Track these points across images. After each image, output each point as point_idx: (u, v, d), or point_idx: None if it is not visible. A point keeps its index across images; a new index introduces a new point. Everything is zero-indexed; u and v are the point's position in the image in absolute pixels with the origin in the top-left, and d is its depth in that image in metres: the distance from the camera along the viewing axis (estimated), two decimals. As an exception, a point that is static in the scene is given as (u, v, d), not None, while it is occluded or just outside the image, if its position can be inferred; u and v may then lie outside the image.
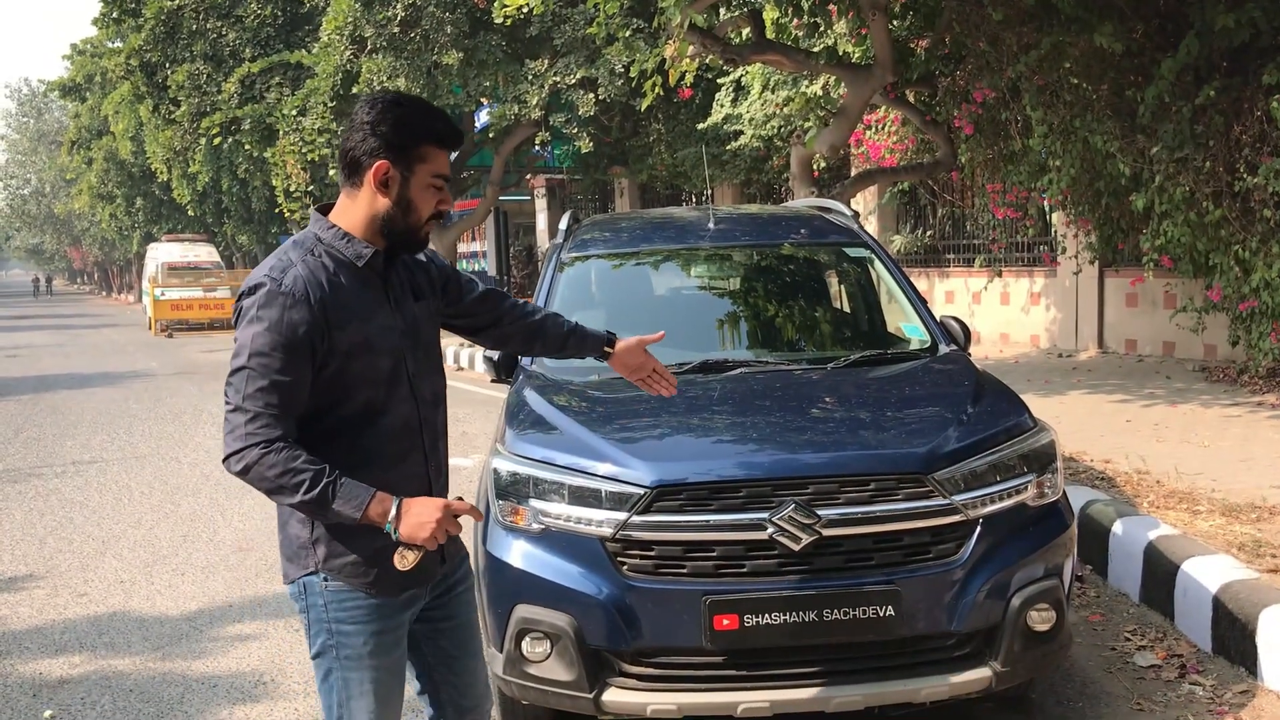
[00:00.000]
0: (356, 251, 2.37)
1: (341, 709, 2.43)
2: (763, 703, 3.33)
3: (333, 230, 2.39)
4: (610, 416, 3.92)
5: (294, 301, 2.27)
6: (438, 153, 2.38)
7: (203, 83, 21.95)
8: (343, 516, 2.25)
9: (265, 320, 2.26)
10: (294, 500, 2.24)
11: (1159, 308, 11.39)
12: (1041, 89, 9.45)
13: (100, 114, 36.90)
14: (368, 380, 2.36)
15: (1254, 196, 8.18)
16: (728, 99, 14.65)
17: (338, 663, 2.41)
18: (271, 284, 2.28)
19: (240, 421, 2.25)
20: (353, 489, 2.25)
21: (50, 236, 73.41)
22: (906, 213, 15.59)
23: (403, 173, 2.35)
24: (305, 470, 2.22)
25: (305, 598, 2.42)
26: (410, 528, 2.26)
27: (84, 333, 30.64)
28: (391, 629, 2.44)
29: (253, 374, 2.25)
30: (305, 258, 2.34)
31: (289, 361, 2.25)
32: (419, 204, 2.38)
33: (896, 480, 3.37)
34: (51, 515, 7.64)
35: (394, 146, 2.33)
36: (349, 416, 2.36)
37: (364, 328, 2.35)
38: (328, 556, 2.37)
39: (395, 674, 2.48)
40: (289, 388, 2.26)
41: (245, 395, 2.25)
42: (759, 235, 5.44)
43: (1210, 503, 5.55)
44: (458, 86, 16.03)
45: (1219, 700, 3.90)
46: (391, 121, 2.32)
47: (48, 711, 4.29)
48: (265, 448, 2.23)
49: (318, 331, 2.28)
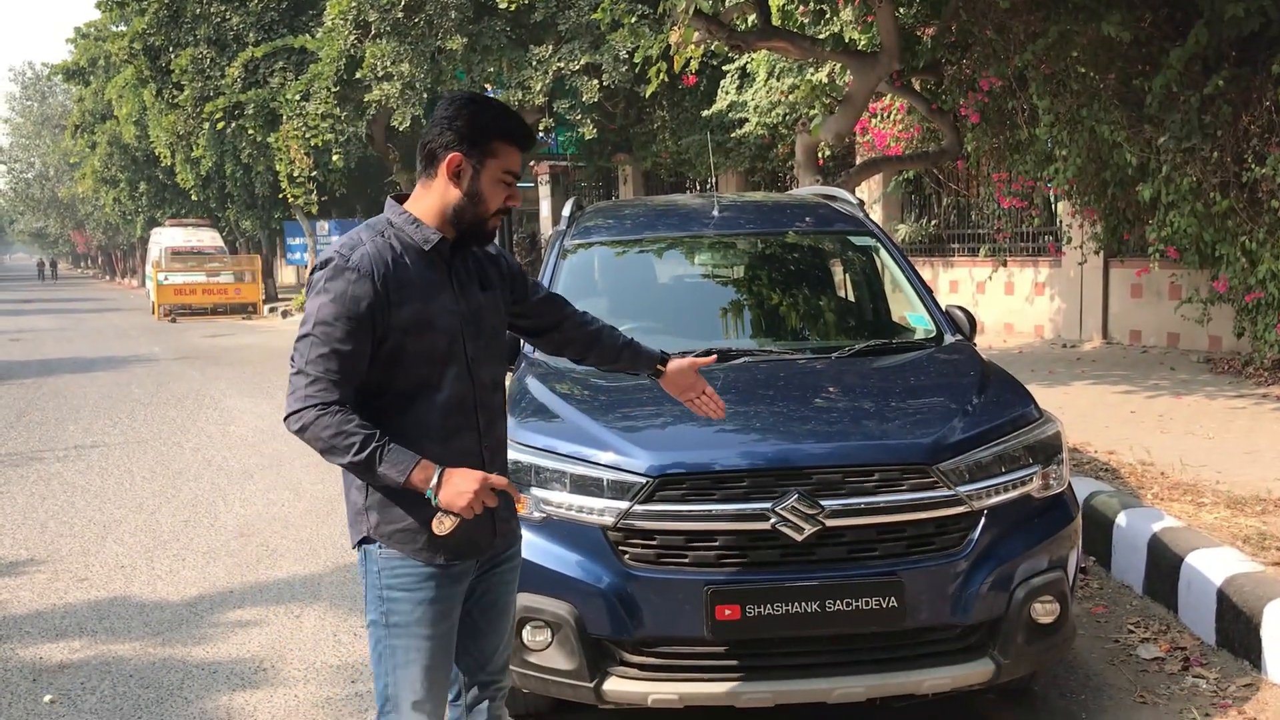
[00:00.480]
0: (424, 236, 2.52)
1: (389, 677, 2.55)
2: (764, 693, 3.31)
3: (404, 215, 2.54)
4: (612, 405, 3.90)
5: (359, 276, 2.42)
6: (510, 150, 2.52)
7: (206, 67, 21.91)
8: (388, 479, 2.39)
9: (331, 292, 2.42)
10: (344, 460, 2.39)
11: (1164, 299, 11.35)
12: (1048, 78, 9.39)
13: (104, 98, 36.81)
14: (424, 357, 2.49)
15: (1262, 187, 8.14)
16: (733, 86, 14.59)
17: (387, 630, 2.54)
18: (340, 259, 2.44)
19: (301, 384, 2.41)
20: (399, 454, 2.39)
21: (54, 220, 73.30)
22: (911, 202, 15.53)
23: (475, 166, 2.50)
24: (356, 433, 2.37)
25: (364, 564, 2.59)
26: (449, 495, 2.39)
27: (87, 317, 30.64)
28: (440, 599, 2.54)
29: (316, 341, 2.41)
30: (375, 238, 2.50)
31: (350, 332, 2.40)
32: (488, 196, 2.52)
33: (901, 471, 3.35)
34: (53, 499, 7.63)
35: (468, 140, 2.48)
36: (405, 390, 2.50)
37: (424, 307, 2.48)
38: (379, 522, 2.52)
39: (444, 647, 2.58)
40: (348, 356, 2.41)
41: (308, 360, 2.41)
42: (763, 223, 5.41)
43: (1215, 495, 5.53)
44: (461, 72, 15.99)
45: (1223, 693, 3.88)
46: (467, 117, 2.48)
47: (48, 696, 4.28)
48: (322, 410, 2.38)
49: (379, 306, 2.42)
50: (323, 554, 6.08)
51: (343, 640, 4.77)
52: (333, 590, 5.45)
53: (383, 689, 2.57)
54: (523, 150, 2.56)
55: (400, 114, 16.17)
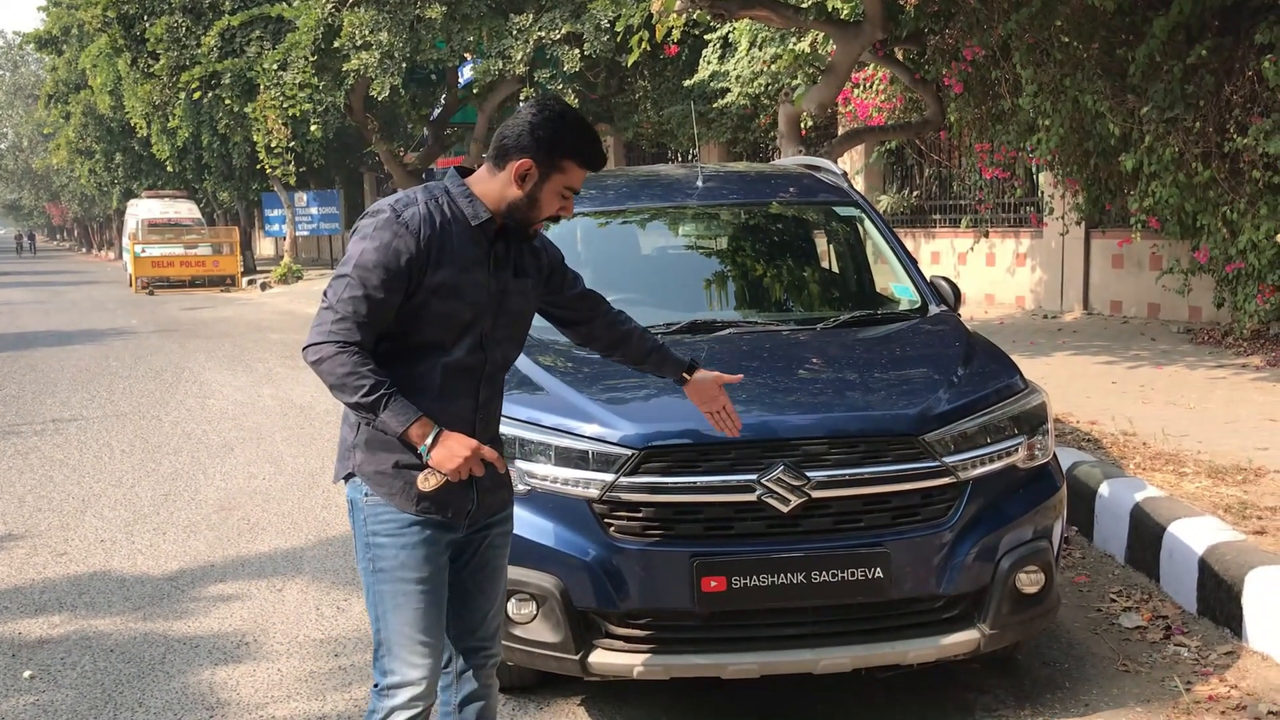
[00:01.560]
0: (475, 211, 2.61)
1: (380, 621, 2.63)
2: (750, 665, 3.31)
3: (462, 188, 2.64)
4: (597, 377, 3.87)
5: (406, 231, 2.51)
6: (578, 170, 2.62)
7: (181, 36, 21.63)
8: (387, 427, 2.48)
9: (377, 240, 2.51)
10: (351, 400, 2.47)
11: (1145, 269, 11.38)
12: (1032, 47, 9.37)
13: (78, 67, 36.29)
14: (444, 321, 2.58)
15: (1243, 157, 8.15)
16: (715, 56, 14.49)
17: (374, 575, 2.63)
18: (392, 213, 2.54)
19: (328, 319, 2.50)
20: (403, 406, 2.48)
21: (28, 192, 72.57)
22: (893, 172, 15.51)
23: (541, 175, 2.59)
24: (368, 378, 2.46)
25: (352, 512, 2.67)
26: (441, 455, 2.48)
27: (64, 290, 30.35)
28: (423, 544, 2.60)
29: (352, 282, 2.49)
30: (429, 201, 2.59)
31: (385, 281, 2.49)
32: (545, 204, 2.62)
33: (887, 442, 3.34)
34: (31, 474, 7.56)
35: (543, 150, 2.56)
36: (417, 345, 2.59)
37: (458, 275, 2.57)
38: (363, 461, 2.62)
39: (432, 592, 2.63)
40: (378, 304, 2.49)
41: (339, 298, 2.50)
42: (747, 193, 5.37)
43: (1196, 464, 5.56)
44: (441, 41, 15.83)
45: (1204, 661, 3.90)
46: (551, 130, 2.56)
47: (27, 672, 4.25)
48: (341, 348, 2.47)
49: (417, 264, 2.51)
50: (304, 527, 6.05)
51: (325, 614, 4.75)
52: (315, 564, 5.42)
53: (377, 633, 2.65)
54: (593, 171, 2.66)
55: (379, 83, 16.00)
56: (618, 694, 3.79)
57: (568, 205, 2.66)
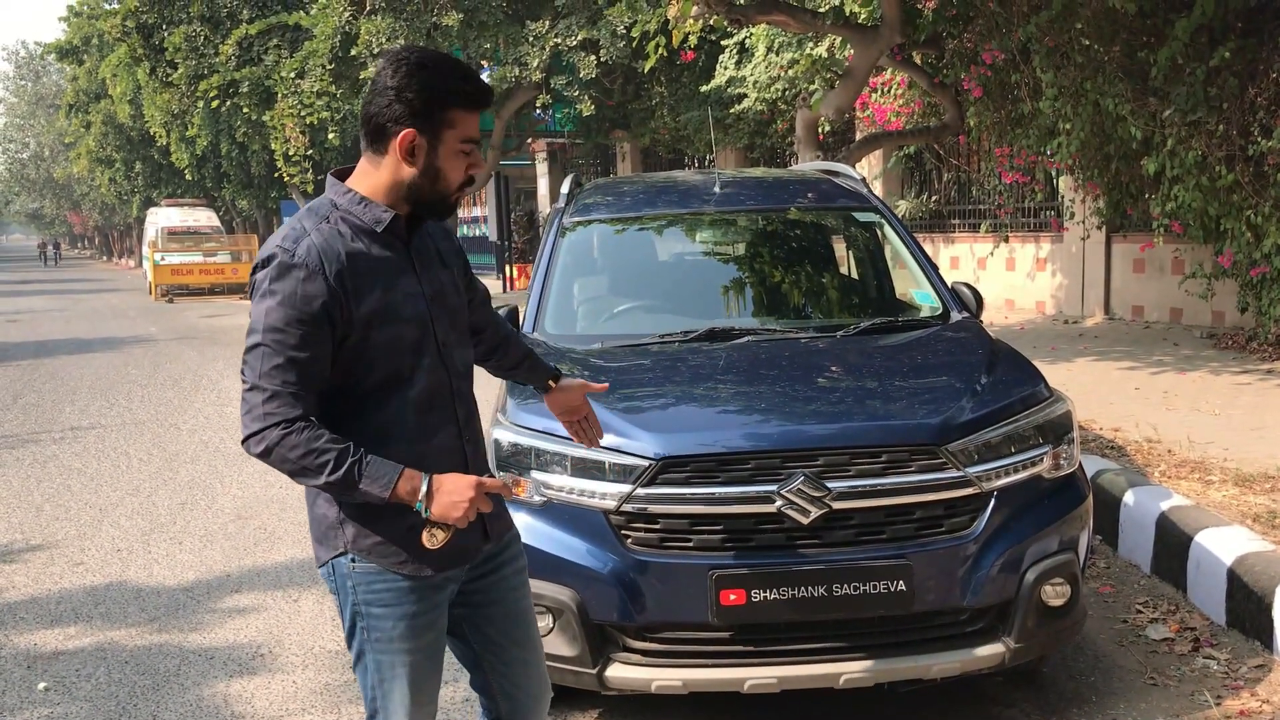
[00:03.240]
0: (375, 216, 2.26)
1: (375, 691, 2.37)
2: (770, 679, 3.25)
3: (349, 195, 2.27)
4: (614, 386, 3.81)
5: (308, 273, 2.15)
6: (467, 116, 2.25)
7: (200, 45, 21.71)
8: (370, 497, 2.17)
9: (279, 294, 2.15)
10: (319, 481, 2.16)
11: (1167, 274, 11.26)
12: (1052, 50, 9.28)
13: (98, 77, 36.60)
14: (393, 350, 2.25)
15: (1268, 160, 8.05)
16: (731, 61, 14.43)
17: (369, 645, 2.34)
18: (284, 255, 2.17)
19: (258, 401, 2.15)
20: (380, 467, 2.16)
21: (50, 201, 73.07)
22: (912, 177, 15.42)
23: (430, 140, 2.22)
24: (329, 450, 2.14)
25: (334, 579, 2.34)
26: (442, 506, 2.18)
27: (84, 297, 30.53)
28: (424, 612, 2.34)
29: (269, 351, 2.15)
30: (320, 225, 2.22)
31: (306, 336, 2.15)
32: (448, 172, 2.26)
33: (909, 452, 3.28)
34: (49, 483, 7.57)
35: (421, 114, 2.20)
36: (375, 388, 2.26)
37: (386, 295, 2.24)
38: (357, 536, 2.29)
39: (431, 657, 2.39)
40: (307, 364, 2.16)
41: (261, 373, 2.15)
42: (765, 199, 5.32)
43: (1223, 472, 5.47)
44: (458, 48, 15.84)
45: (1234, 675, 3.82)
46: (418, 86, 2.18)
47: (42, 684, 4.22)
48: (286, 428, 2.14)
49: (335, 303, 2.17)
50: (321, 537, 6.01)
51: (341, 625, 4.71)
52: (331, 574, 5.39)
53: (371, 701, 2.40)
54: (478, 109, 2.27)
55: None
56: (636, 708, 3.74)
57: (475, 160, 2.30)
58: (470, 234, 29.95)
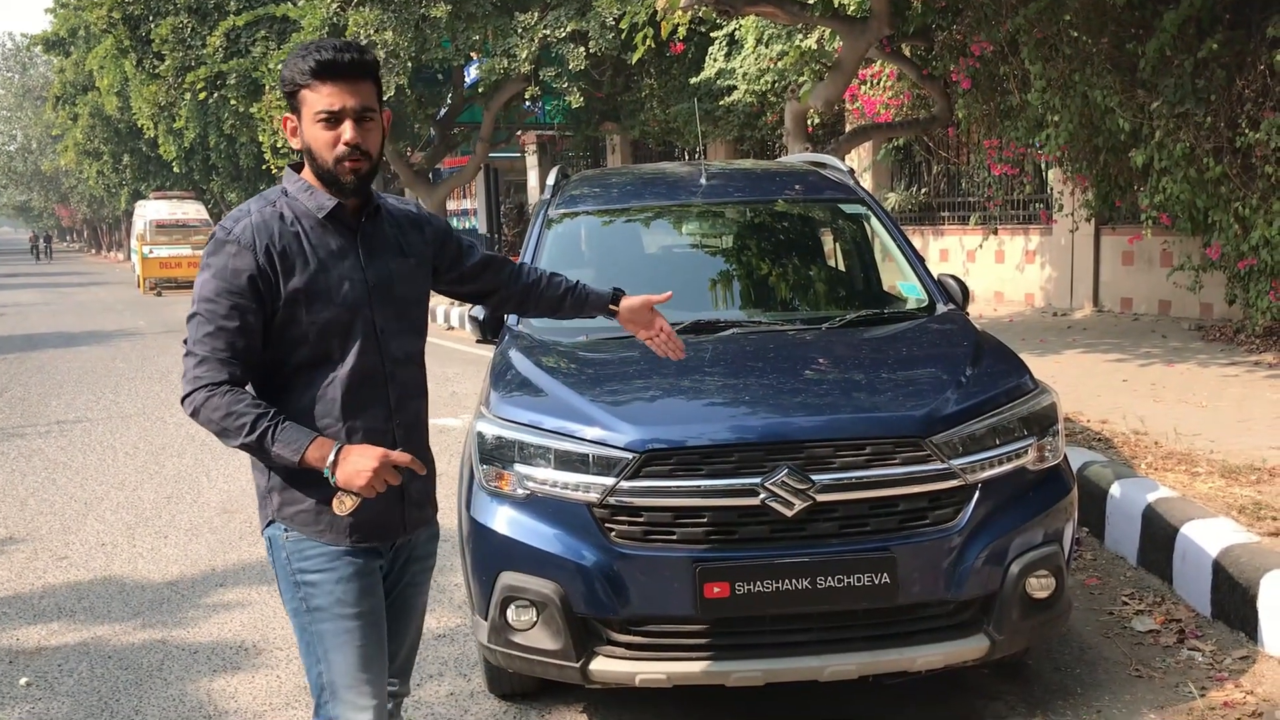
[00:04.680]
0: (319, 203, 2.39)
1: (321, 665, 2.41)
2: (754, 672, 3.24)
3: (298, 183, 2.42)
4: (598, 379, 3.81)
5: (239, 249, 2.31)
6: (317, 88, 2.31)
7: (187, 36, 21.58)
8: (282, 459, 2.27)
9: (213, 267, 2.32)
10: (237, 442, 2.28)
11: (1155, 266, 11.27)
12: (1040, 42, 9.27)
13: (85, 69, 36.33)
14: (322, 330, 2.36)
15: (1255, 152, 8.05)
16: (721, 53, 14.40)
17: (309, 615, 2.41)
18: (221, 233, 2.34)
19: (190, 365, 2.31)
20: (293, 433, 2.28)
21: (38, 194, 72.65)
22: (901, 170, 15.41)
23: (297, 121, 2.37)
24: (247, 413, 2.26)
25: (272, 551, 2.47)
26: (346, 474, 2.26)
27: (72, 291, 30.41)
28: (358, 576, 2.42)
29: (201, 320, 2.31)
30: (264, 208, 2.38)
31: (234, 307, 2.29)
32: (315, 147, 2.35)
33: (893, 444, 3.27)
34: (34, 476, 7.53)
35: (288, 98, 2.37)
36: (304, 366, 2.38)
37: (318, 277, 2.35)
38: (281, 504, 2.41)
39: (372, 624, 2.43)
40: (235, 333, 2.30)
41: (195, 340, 2.31)
42: (752, 191, 5.30)
43: (1209, 464, 5.47)
44: (446, 40, 15.76)
45: (1219, 666, 3.83)
46: (283, 76, 2.35)
47: (24, 679, 4.20)
48: (211, 390, 2.28)
49: (262, 278, 2.30)
50: (307, 530, 5.99)
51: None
52: (317, 567, 5.37)
53: (316, 679, 2.41)
54: (332, 79, 2.29)
55: (385, 83, 15.94)
56: (620, 701, 3.73)
57: (339, 133, 2.31)
58: (460, 226, 29.88)
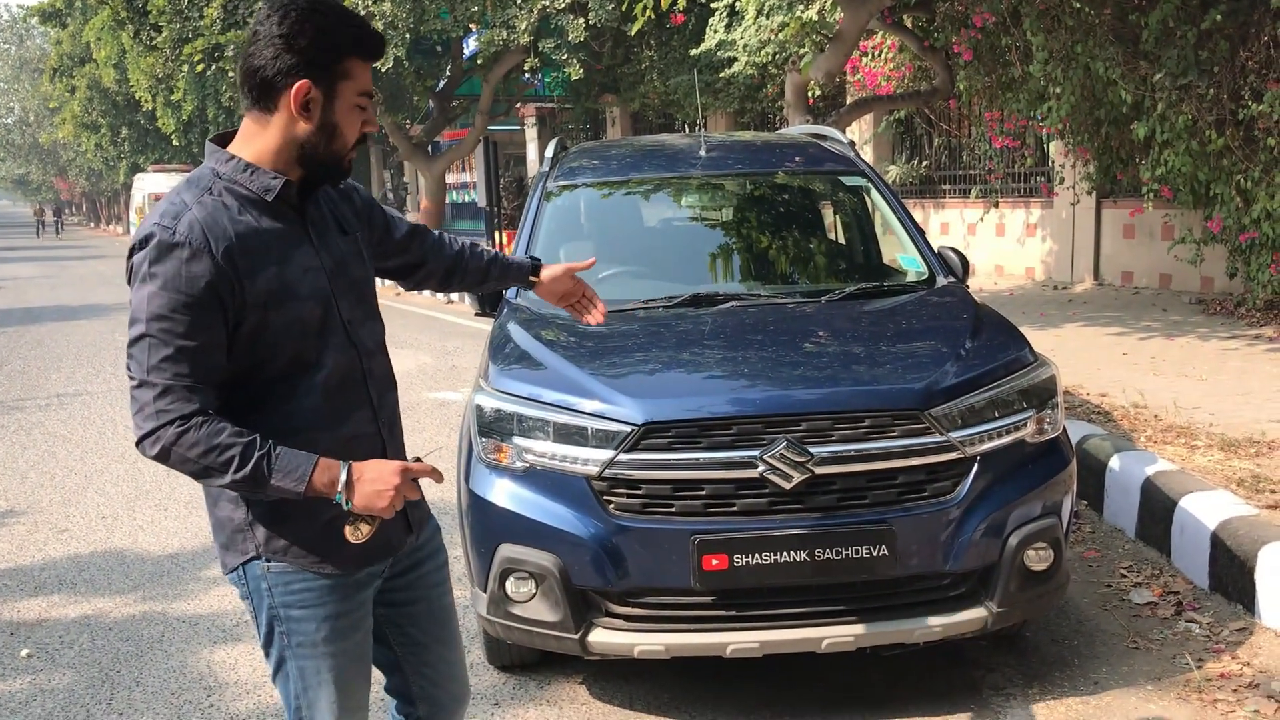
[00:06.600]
0: (264, 184, 2.03)
1: (300, 699, 2.16)
2: (752, 644, 3.25)
3: (234, 162, 2.04)
4: (597, 352, 3.80)
5: (192, 252, 1.93)
6: (363, 66, 2.05)
7: (184, 7, 21.42)
8: (285, 492, 1.95)
9: (160, 277, 1.93)
10: (225, 481, 1.94)
11: (1156, 239, 11.24)
12: (1042, 13, 9.21)
13: (82, 40, 36.15)
14: (294, 331, 2.04)
15: (1258, 125, 8.01)
16: (721, 24, 14.27)
17: (291, 651, 2.13)
18: (163, 234, 1.94)
19: (149, 398, 1.93)
20: (292, 458, 1.95)
21: (36, 167, 72.48)
22: (902, 142, 15.35)
23: (325, 93, 2.01)
24: (233, 445, 1.92)
25: (246, 583, 2.12)
26: (365, 497, 1.98)
27: (71, 264, 30.37)
28: (348, 611, 2.15)
29: (155, 342, 1.93)
30: (202, 198, 2.00)
31: (195, 323, 1.93)
32: (344, 128, 2.05)
33: (892, 417, 3.27)
34: (34, 449, 7.54)
35: (315, 63, 1.98)
36: (278, 376, 2.05)
37: (281, 272, 2.02)
38: (268, 538, 2.08)
39: (358, 659, 2.20)
40: (199, 353, 1.94)
41: (150, 367, 1.93)
42: (752, 163, 5.27)
43: (1209, 437, 5.47)
44: (445, 11, 15.68)
45: (1216, 638, 3.84)
46: (311, 34, 1.97)
47: (24, 650, 4.22)
48: (182, 425, 1.92)
49: (224, 284, 1.95)
50: (307, 503, 6.01)
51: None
52: (317, 540, 5.38)
53: (295, 711, 2.17)
54: (368, 58, 2.06)
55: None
56: (619, 673, 3.75)
57: (369, 117, 2.10)
58: (459, 200, 29.77)
